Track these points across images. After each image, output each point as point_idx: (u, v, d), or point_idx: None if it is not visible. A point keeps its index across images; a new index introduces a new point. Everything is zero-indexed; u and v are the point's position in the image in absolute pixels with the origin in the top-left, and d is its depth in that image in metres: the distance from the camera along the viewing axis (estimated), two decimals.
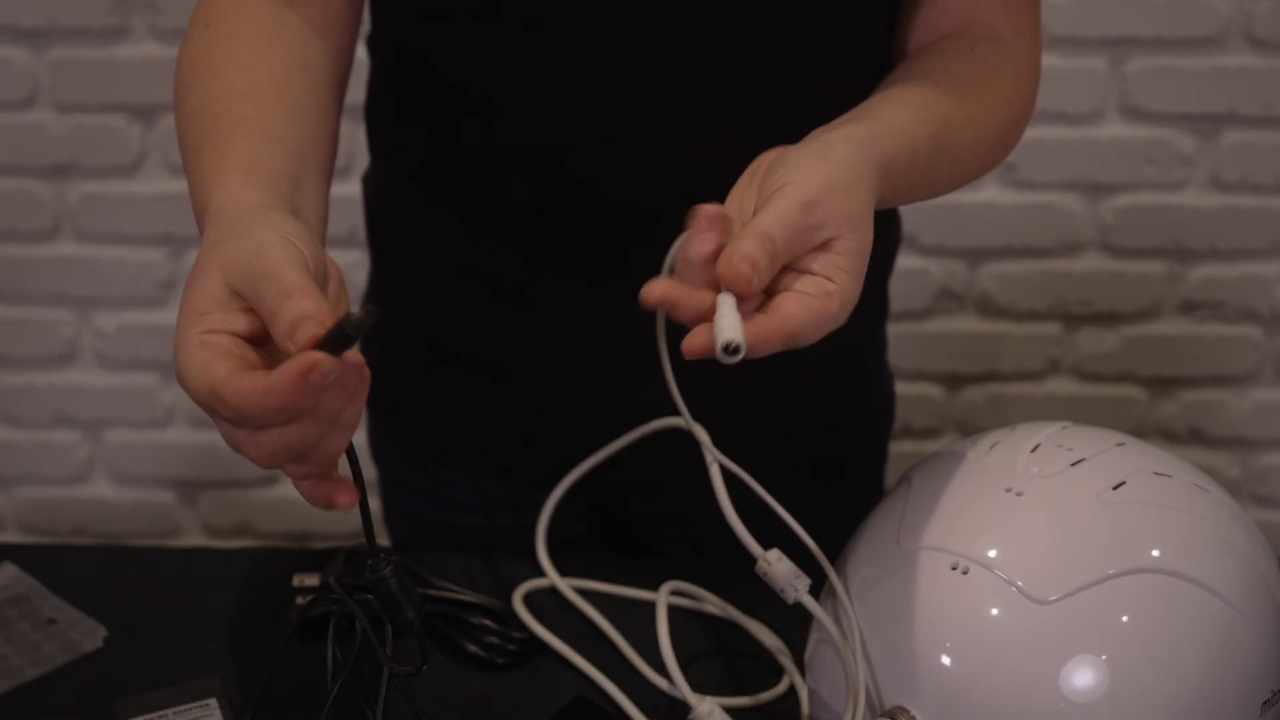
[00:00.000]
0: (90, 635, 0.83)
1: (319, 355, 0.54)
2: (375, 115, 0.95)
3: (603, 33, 0.80)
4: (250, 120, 0.71)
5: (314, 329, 0.55)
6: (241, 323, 0.59)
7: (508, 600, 0.86)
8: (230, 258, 0.60)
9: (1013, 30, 0.84)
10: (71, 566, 0.90)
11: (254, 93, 0.73)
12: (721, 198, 0.77)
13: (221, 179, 0.67)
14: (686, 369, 0.67)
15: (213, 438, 1.90)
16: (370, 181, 0.98)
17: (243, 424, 0.57)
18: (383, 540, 1.09)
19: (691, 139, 0.83)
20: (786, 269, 0.64)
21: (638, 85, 0.82)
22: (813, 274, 0.64)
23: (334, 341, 0.55)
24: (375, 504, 1.18)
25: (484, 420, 0.97)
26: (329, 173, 0.76)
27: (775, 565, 0.73)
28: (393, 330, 1.00)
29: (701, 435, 0.73)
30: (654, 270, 0.68)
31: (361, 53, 0.93)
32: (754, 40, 0.81)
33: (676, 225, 0.66)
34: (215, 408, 0.57)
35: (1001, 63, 0.83)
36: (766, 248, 0.62)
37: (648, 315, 0.89)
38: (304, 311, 0.56)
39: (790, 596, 0.73)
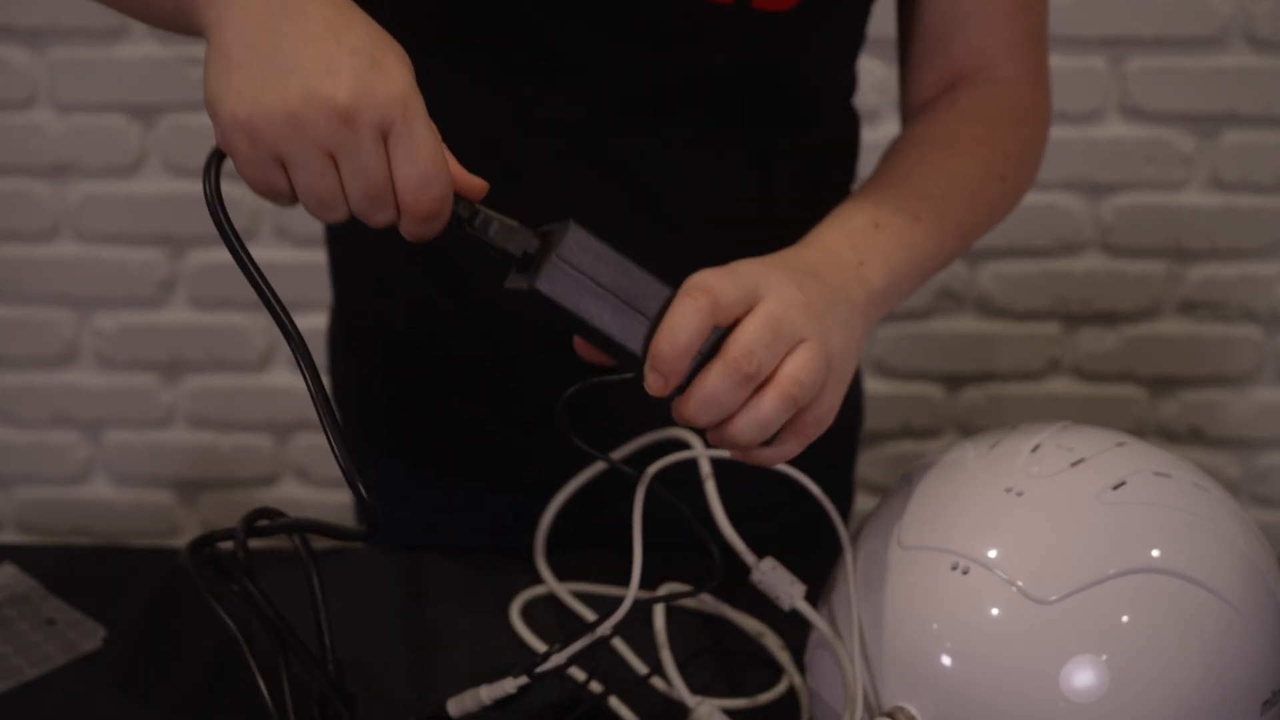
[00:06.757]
0: (90, 635, 0.83)
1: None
2: None
3: (551, 34, 0.81)
4: None
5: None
6: None
7: (506, 603, 0.86)
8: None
9: (1014, 74, 0.88)
10: (71, 566, 0.90)
11: None
12: (670, 209, 0.79)
13: None
14: None
15: (212, 438, 1.91)
16: None
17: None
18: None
19: (639, 148, 0.84)
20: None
21: (584, 89, 0.82)
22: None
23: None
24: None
25: (470, 432, 0.96)
26: None
27: (769, 574, 0.73)
28: (368, 339, 0.99)
29: (705, 467, 0.74)
30: None
31: None
32: (703, 55, 0.82)
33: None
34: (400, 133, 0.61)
35: (985, 104, 0.86)
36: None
37: None
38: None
39: (785, 604, 0.73)
